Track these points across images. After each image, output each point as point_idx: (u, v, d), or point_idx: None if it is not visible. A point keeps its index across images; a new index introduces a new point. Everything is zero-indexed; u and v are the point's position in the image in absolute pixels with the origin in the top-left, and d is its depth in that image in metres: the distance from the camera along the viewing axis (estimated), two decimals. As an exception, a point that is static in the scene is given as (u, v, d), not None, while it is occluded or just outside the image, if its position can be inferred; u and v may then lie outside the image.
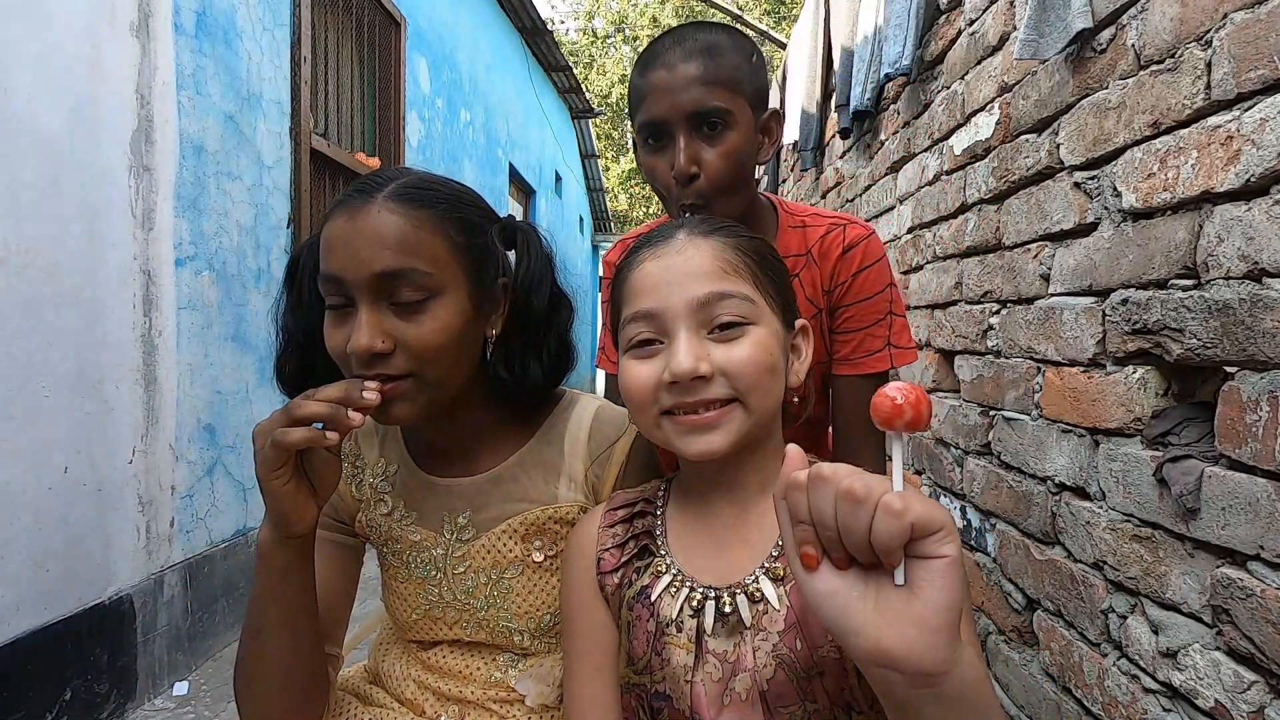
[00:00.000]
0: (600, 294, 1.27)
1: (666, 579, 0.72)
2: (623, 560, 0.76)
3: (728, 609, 0.68)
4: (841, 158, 3.52)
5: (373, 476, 0.92)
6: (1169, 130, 1.20)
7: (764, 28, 6.15)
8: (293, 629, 0.76)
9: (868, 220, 3.02)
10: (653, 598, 0.72)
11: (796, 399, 0.78)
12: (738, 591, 0.69)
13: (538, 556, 0.87)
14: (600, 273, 1.28)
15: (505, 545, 0.87)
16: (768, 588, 0.68)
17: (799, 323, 0.77)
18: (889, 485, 0.45)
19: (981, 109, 1.93)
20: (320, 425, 0.70)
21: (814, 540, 0.47)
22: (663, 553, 0.75)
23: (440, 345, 0.76)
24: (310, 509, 0.73)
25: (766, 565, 0.69)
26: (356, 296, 0.74)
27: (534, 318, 0.85)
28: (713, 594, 0.70)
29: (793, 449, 0.49)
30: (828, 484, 0.45)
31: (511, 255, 0.88)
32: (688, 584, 0.71)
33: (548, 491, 0.87)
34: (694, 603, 0.70)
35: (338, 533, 0.94)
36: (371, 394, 0.72)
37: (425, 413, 0.79)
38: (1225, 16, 1.08)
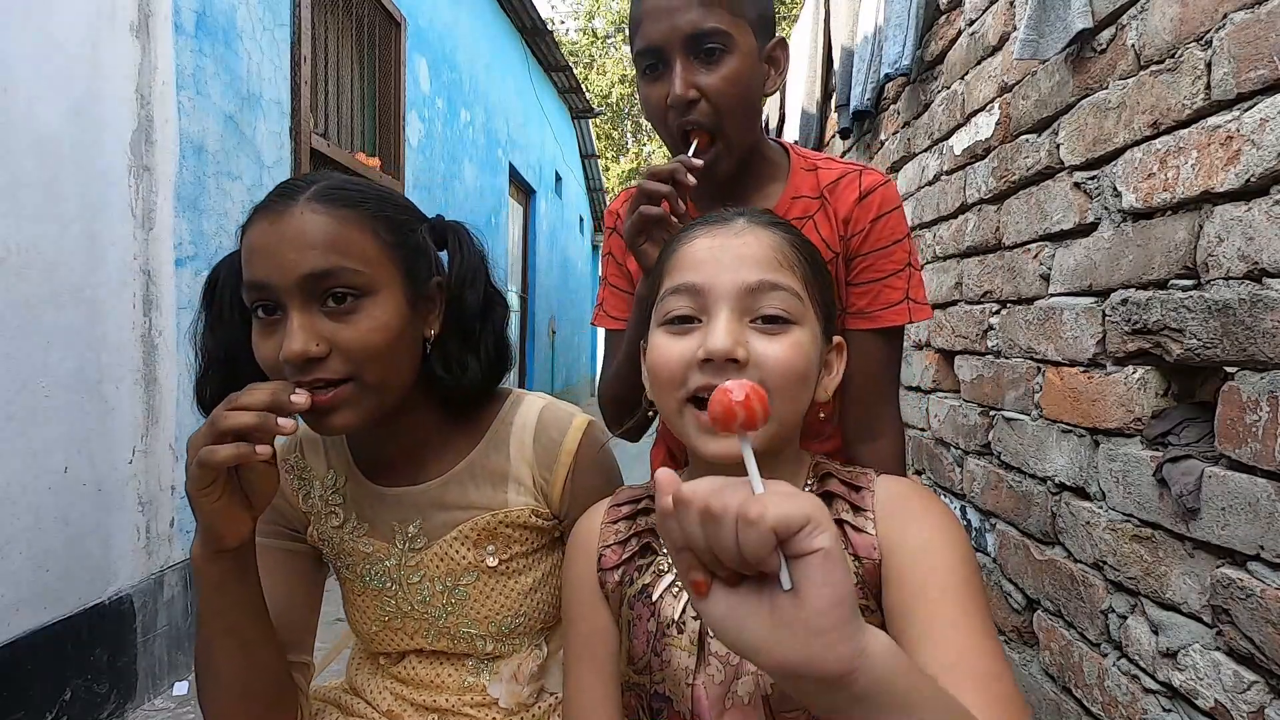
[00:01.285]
0: (602, 246, 1.21)
1: (668, 578, 0.72)
2: (624, 557, 0.75)
3: None
4: (841, 157, 3.52)
5: (321, 489, 0.90)
6: (1169, 130, 1.20)
7: (764, 28, 6.13)
8: (240, 639, 0.75)
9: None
10: (654, 597, 0.71)
11: (821, 415, 0.76)
12: None
13: (491, 561, 0.86)
14: (605, 223, 1.20)
15: (457, 552, 0.86)
16: None
17: (836, 338, 0.75)
18: (748, 492, 0.42)
19: (981, 109, 1.93)
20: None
21: (697, 565, 0.44)
22: (664, 551, 0.74)
23: (377, 345, 0.74)
24: (244, 522, 0.71)
25: None
26: (285, 302, 0.72)
27: (470, 316, 0.84)
28: None
29: (661, 474, 0.45)
30: (689, 507, 0.43)
31: (444, 256, 0.88)
32: None
33: (496, 497, 0.86)
34: None
35: (292, 540, 0.92)
36: (301, 397, 0.69)
37: (368, 418, 0.76)
38: (1225, 16, 1.08)
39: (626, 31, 1.05)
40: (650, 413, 0.83)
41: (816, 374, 0.71)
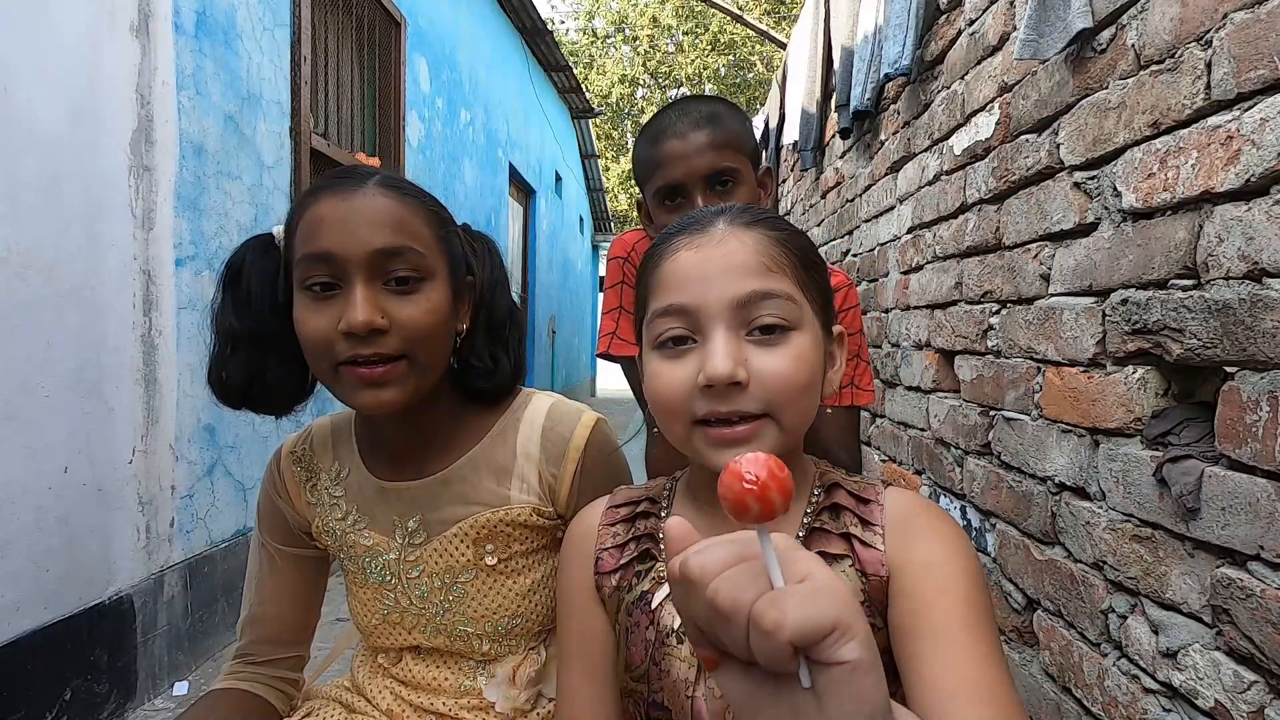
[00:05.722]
0: (608, 276, 1.35)
1: (668, 586, 0.71)
2: (622, 561, 0.73)
3: None
4: (841, 158, 3.52)
5: (328, 481, 0.92)
6: (1169, 130, 1.20)
7: (764, 28, 6.15)
8: None
9: (867, 220, 3.03)
10: (653, 605, 0.69)
11: (829, 410, 0.75)
12: None
13: (490, 560, 0.86)
14: (613, 252, 1.37)
15: (457, 549, 0.86)
16: None
17: (836, 328, 0.72)
18: (766, 584, 0.37)
19: (981, 109, 1.93)
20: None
21: (704, 641, 0.39)
22: (665, 558, 0.72)
23: (432, 326, 0.78)
24: None
25: None
26: (352, 274, 0.75)
27: (499, 317, 0.88)
28: None
29: (673, 525, 0.41)
30: (695, 589, 0.37)
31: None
32: None
33: (498, 494, 0.86)
34: None
35: (297, 545, 0.95)
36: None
37: (411, 398, 0.79)
38: (1225, 16, 1.08)
39: (638, 167, 1.22)
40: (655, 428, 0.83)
41: (822, 376, 0.68)
